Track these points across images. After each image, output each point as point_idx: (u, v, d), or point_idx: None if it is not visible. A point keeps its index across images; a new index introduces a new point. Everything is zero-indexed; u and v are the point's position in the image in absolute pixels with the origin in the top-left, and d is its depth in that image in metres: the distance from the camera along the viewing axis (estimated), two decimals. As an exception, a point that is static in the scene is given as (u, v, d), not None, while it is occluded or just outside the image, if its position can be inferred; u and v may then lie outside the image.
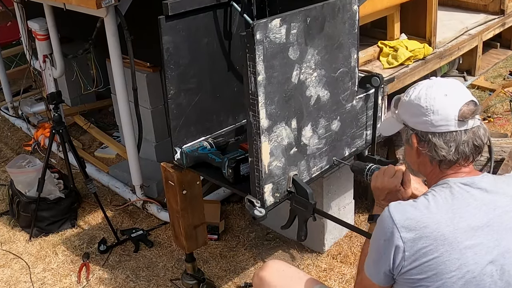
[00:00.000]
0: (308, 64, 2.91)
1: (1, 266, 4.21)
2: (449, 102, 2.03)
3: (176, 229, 3.56)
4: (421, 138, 2.07)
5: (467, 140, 2.02)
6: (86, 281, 4.00)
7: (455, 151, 2.02)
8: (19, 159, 4.70)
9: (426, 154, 2.07)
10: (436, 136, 2.03)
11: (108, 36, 4.09)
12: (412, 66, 3.75)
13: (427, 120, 2.03)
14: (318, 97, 3.01)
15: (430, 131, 2.03)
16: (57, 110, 4.26)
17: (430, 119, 2.03)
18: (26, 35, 5.07)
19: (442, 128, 2.02)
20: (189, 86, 3.30)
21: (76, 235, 4.47)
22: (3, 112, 6.35)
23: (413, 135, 2.10)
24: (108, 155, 5.50)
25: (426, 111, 2.04)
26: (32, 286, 4.00)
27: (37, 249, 4.34)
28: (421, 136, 2.07)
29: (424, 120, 2.04)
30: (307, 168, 3.10)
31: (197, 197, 3.49)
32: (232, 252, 4.14)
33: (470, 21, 4.34)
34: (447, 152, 2.01)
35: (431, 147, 2.04)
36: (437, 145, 2.03)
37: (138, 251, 4.24)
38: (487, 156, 4.10)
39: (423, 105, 2.05)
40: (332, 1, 3.00)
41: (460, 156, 2.02)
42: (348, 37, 3.09)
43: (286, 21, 2.74)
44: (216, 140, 3.40)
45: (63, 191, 4.53)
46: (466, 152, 2.03)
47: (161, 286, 3.91)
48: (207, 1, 3.30)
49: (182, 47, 3.23)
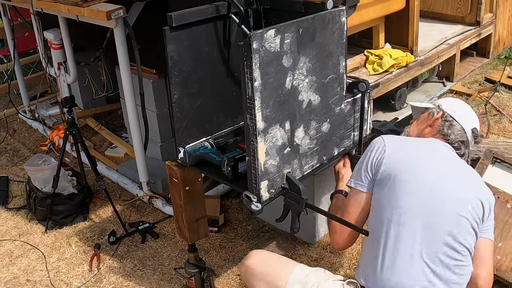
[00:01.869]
0: (300, 71, 2.90)
1: (19, 256, 4.21)
2: (469, 117, 2.76)
3: (179, 222, 3.56)
4: (445, 118, 2.70)
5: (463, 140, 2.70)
6: (97, 269, 4.00)
7: (454, 136, 2.67)
8: (35, 158, 4.70)
9: (438, 126, 2.71)
10: (455, 123, 2.68)
11: (117, 45, 4.09)
12: (396, 73, 3.75)
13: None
14: (310, 101, 3.01)
15: (455, 117, 2.68)
16: (70, 113, 4.26)
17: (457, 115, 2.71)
18: (42, 45, 5.06)
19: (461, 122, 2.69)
20: (191, 91, 3.29)
21: (88, 227, 4.48)
22: (21, 115, 6.34)
23: (440, 112, 2.72)
24: (117, 154, 5.49)
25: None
26: (47, 274, 4.00)
27: (52, 240, 4.35)
28: (445, 116, 2.70)
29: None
30: (300, 166, 3.10)
31: (198, 192, 3.49)
32: (231, 243, 4.15)
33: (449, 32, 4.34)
34: (450, 135, 2.67)
35: (448, 126, 2.68)
36: (453, 127, 2.68)
37: (145, 242, 4.25)
38: (464, 154, 4.11)
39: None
40: (322, 14, 3.00)
41: (450, 138, 2.67)
42: (337, 46, 3.09)
43: (280, 31, 2.74)
44: (216, 141, 3.39)
45: (76, 187, 4.54)
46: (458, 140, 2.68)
47: (166, 274, 3.91)
48: (208, 13, 3.30)
49: (185, 55, 3.22)
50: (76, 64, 4.87)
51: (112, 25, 3.98)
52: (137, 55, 4.11)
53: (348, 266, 3.86)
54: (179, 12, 3.15)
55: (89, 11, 3.89)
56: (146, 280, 3.89)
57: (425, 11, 4.49)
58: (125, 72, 4.23)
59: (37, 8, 4.60)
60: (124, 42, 4.08)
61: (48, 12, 4.57)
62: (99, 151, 5.57)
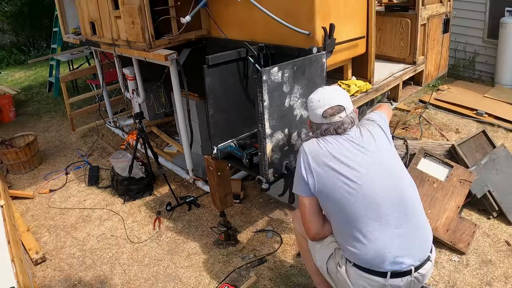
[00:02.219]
0: (295, 95, 2.90)
1: (106, 219, 4.24)
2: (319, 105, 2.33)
3: (213, 196, 3.57)
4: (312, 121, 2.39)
5: (328, 128, 2.30)
6: (158, 228, 4.02)
7: (320, 133, 2.32)
8: (117, 153, 4.75)
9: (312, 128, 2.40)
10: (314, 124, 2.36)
11: (172, 77, 4.10)
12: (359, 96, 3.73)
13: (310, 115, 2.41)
14: (301, 115, 3.01)
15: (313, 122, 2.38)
16: (140, 123, 4.30)
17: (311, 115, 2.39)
18: (121, 77, 5.09)
19: (315, 120, 2.36)
20: (221, 108, 3.30)
21: (152, 200, 4.49)
22: (107, 125, 6.37)
23: (308, 120, 2.45)
24: (172, 151, 5.49)
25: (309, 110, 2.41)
26: (125, 231, 4.03)
27: (128, 209, 4.38)
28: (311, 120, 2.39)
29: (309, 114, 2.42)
30: (294, 159, 3.10)
31: (226, 176, 3.50)
32: (248, 211, 4.15)
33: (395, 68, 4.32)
34: (315, 133, 2.36)
35: (313, 127, 2.38)
36: (313, 128, 2.38)
37: (190, 210, 4.25)
38: (406, 151, 4.09)
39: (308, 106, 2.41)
40: (309, 56, 3.00)
41: (327, 133, 2.30)
42: (319, 78, 3.09)
43: (282, 68, 2.75)
44: (238, 142, 3.41)
45: (144, 173, 4.56)
46: (331, 132, 2.30)
47: (204, 231, 3.92)
48: (233, 56, 3.32)
49: (217, 84, 3.23)
50: (144, 90, 4.89)
51: (168, 64, 4.00)
52: (185, 84, 4.12)
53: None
54: (214, 55, 3.18)
55: (153, 54, 3.92)
56: (191, 235, 3.89)
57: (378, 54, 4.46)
58: (177, 96, 4.24)
59: (118, 53, 4.63)
60: (176, 76, 4.10)
61: (125, 55, 4.61)
62: (160, 148, 5.58)
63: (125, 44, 4.24)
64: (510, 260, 3.34)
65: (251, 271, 3.40)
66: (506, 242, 3.50)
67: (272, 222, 3.94)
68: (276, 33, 3.44)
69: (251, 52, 3.37)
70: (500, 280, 3.17)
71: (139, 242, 3.87)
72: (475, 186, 3.79)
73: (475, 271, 3.26)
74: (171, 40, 4.01)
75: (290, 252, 3.57)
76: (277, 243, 3.68)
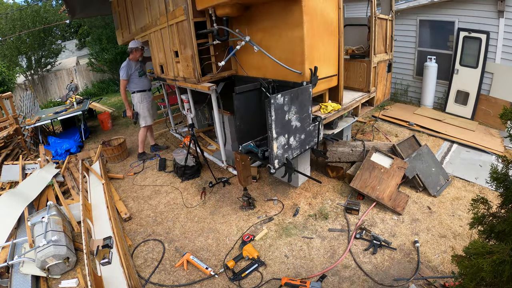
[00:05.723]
0: (292, 112, 2.94)
1: (170, 192, 4.26)
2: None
3: (239, 177, 3.59)
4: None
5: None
6: (204, 198, 4.03)
7: None
8: (177, 150, 4.75)
9: None
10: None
11: (213, 101, 4.11)
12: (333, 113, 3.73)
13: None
14: (296, 125, 3.04)
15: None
16: (192, 130, 4.31)
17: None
18: (180, 100, 5.11)
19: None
20: (245, 120, 3.34)
21: (200, 180, 4.49)
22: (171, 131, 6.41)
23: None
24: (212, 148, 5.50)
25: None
26: (182, 200, 4.05)
27: (184, 185, 4.38)
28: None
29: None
30: (291, 153, 3.14)
31: (247, 165, 3.52)
32: (262, 187, 4.13)
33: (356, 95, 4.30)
34: None
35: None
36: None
37: (224, 186, 4.24)
38: (363, 148, 4.09)
39: None
40: (301, 87, 3.03)
41: None
42: (307, 101, 3.12)
43: (283, 95, 2.78)
44: (255, 142, 3.43)
45: (195, 162, 4.57)
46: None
47: (233, 200, 3.92)
48: (251, 87, 3.35)
49: (242, 105, 3.26)
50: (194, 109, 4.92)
51: (210, 92, 4.01)
52: (221, 105, 4.15)
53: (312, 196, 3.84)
54: (239, 87, 3.20)
55: (200, 86, 3.94)
56: (225, 203, 3.89)
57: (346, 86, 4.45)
58: (216, 113, 4.24)
59: (178, 85, 4.67)
60: (215, 100, 4.10)
61: (182, 87, 4.64)
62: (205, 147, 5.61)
63: (182, 79, 4.26)
64: (430, 218, 3.34)
65: (263, 226, 3.44)
66: (428, 207, 3.51)
67: (277, 194, 3.94)
68: (279, 72, 3.47)
69: (264, 85, 3.41)
70: (424, 232, 3.17)
71: (191, 207, 3.88)
72: (407, 171, 3.79)
73: (408, 225, 3.27)
74: (212, 76, 4.03)
75: (288, 214, 3.59)
76: (280, 208, 3.70)
